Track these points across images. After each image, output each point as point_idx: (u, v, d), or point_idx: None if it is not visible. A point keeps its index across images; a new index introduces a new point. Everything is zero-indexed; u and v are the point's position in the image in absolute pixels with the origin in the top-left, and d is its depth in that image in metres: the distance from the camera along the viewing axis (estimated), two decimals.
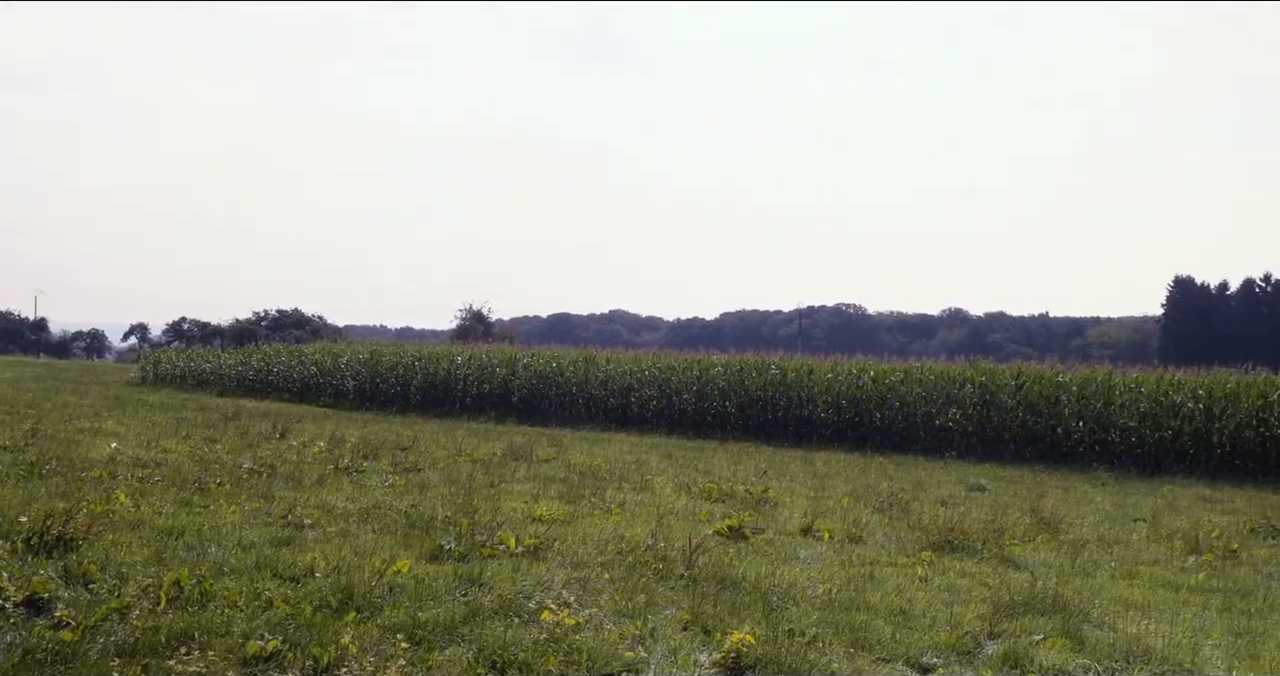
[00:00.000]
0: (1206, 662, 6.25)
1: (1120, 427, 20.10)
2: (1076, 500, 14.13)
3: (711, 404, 25.05)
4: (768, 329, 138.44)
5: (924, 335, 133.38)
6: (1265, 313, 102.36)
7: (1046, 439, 20.69)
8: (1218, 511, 13.45)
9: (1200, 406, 19.57)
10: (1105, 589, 8.22)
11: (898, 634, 6.52)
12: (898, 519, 11.18)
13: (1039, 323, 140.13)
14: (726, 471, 15.22)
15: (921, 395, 22.36)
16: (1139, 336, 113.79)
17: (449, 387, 29.46)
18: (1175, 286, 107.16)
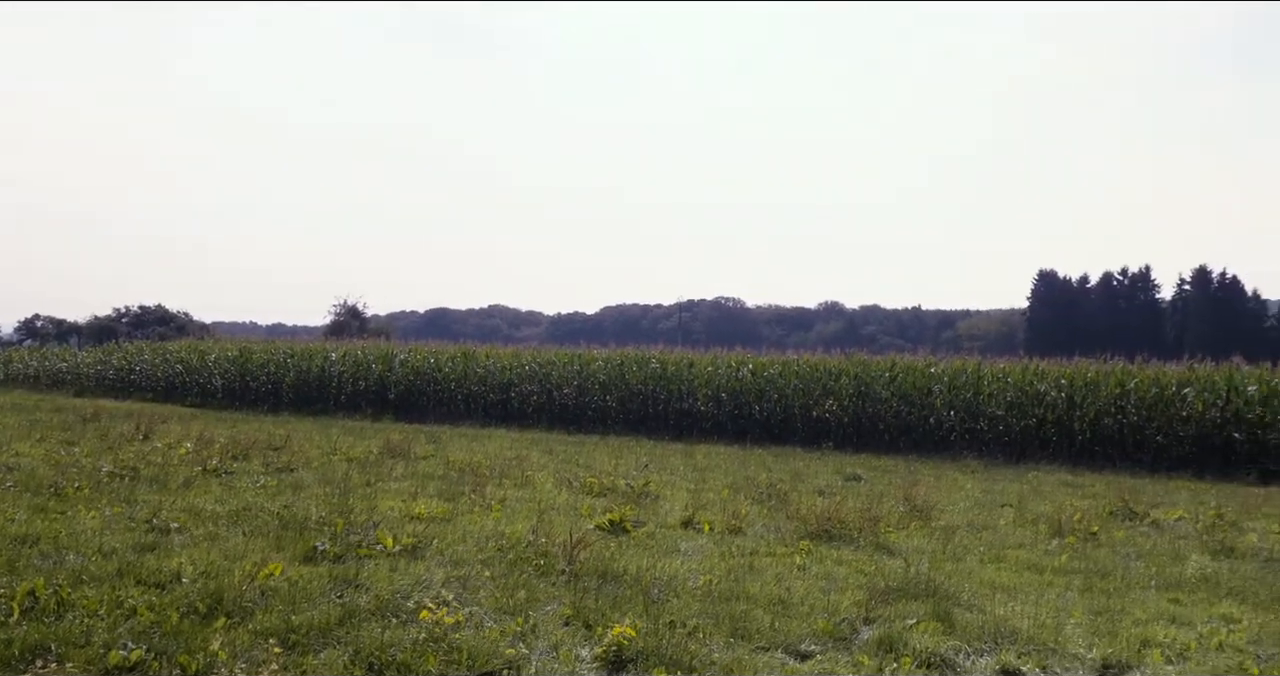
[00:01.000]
0: (1069, 640, 6.47)
1: (989, 416, 20.72)
2: (948, 487, 14.52)
3: (592, 398, 25.05)
4: (648, 323, 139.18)
5: (802, 328, 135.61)
6: (1123, 305, 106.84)
7: (919, 428, 21.22)
8: (1079, 496, 13.96)
9: (1063, 395, 20.30)
10: (975, 572, 8.46)
11: (777, 622, 6.60)
12: (777, 509, 11.32)
13: (912, 315, 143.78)
14: (608, 466, 15.23)
15: (799, 387, 22.72)
16: (1006, 328, 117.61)
17: (323, 385, 28.86)
18: (1039, 280, 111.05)
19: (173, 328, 65.00)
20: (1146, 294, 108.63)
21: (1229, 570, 8.96)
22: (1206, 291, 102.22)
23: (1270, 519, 11.88)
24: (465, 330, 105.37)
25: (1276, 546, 10.11)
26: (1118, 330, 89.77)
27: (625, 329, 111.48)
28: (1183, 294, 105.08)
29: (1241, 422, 18.64)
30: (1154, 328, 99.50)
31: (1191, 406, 19.09)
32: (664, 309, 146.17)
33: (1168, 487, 15.79)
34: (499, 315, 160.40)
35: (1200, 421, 18.94)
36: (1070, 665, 6.08)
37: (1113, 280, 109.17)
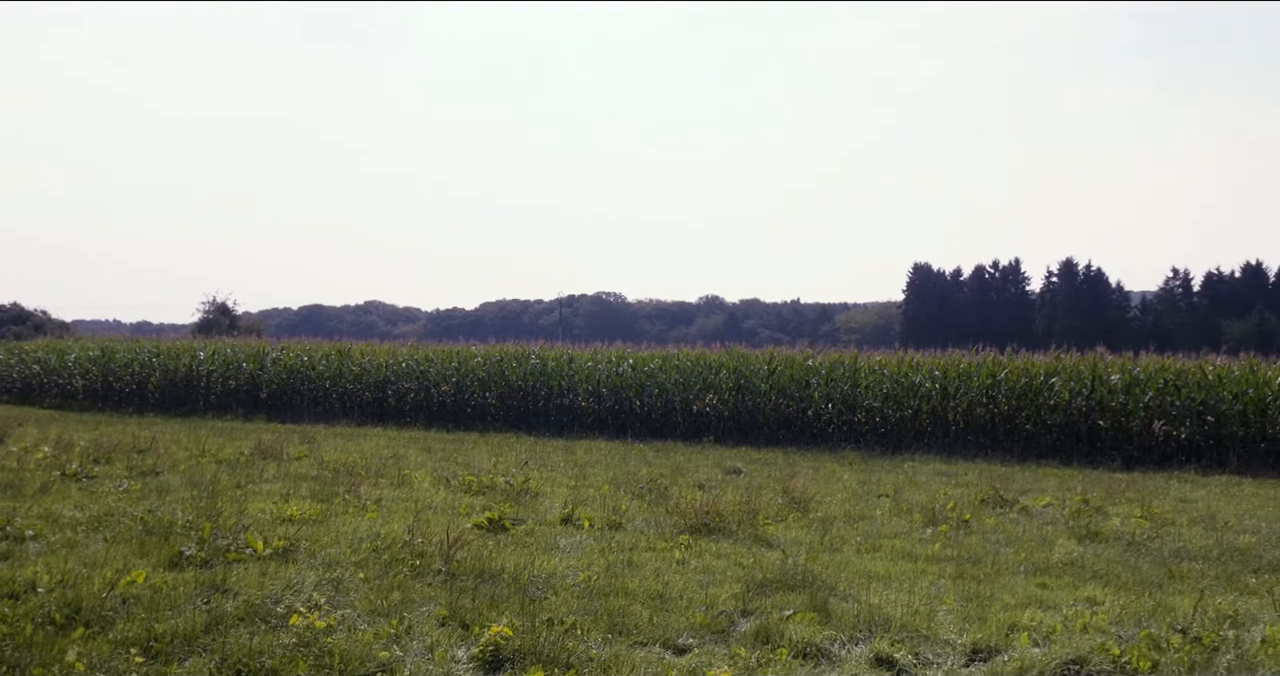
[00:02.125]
0: (940, 627, 6.59)
1: (866, 408, 21.08)
2: (826, 479, 14.73)
3: (471, 395, 24.78)
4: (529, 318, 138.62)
5: (683, 322, 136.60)
6: (994, 297, 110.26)
7: (798, 421, 21.49)
8: (953, 484, 14.30)
9: (937, 386, 20.77)
10: (851, 563, 8.57)
11: (655, 617, 6.58)
12: (657, 504, 11.32)
13: (791, 309, 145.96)
14: (487, 463, 15.07)
15: (679, 382, 22.80)
16: (883, 321, 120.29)
17: (191, 385, 27.96)
18: (915, 273, 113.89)
19: (29, 326, 62.19)
20: (1017, 286, 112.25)
21: (1093, 554, 9.25)
22: (1073, 284, 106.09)
23: (1133, 503, 12.32)
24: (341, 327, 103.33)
25: (1138, 530, 10.47)
26: (990, 321, 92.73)
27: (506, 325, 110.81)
28: (1051, 286, 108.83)
29: (1105, 411, 19.32)
30: (1024, 319, 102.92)
31: (1059, 395, 19.72)
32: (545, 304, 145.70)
33: (1037, 475, 16.28)
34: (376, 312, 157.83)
35: (1067, 410, 19.57)
36: (941, 650, 6.19)
37: (985, 273, 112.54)
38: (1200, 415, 18.63)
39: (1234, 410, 18.43)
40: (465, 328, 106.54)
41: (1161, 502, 12.55)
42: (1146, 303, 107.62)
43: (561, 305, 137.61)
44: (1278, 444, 17.93)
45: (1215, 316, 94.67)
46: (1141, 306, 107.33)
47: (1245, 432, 18.19)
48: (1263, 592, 7.64)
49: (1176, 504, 12.74)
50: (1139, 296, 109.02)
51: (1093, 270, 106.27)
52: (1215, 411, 18.55)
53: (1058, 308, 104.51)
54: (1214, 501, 13.09)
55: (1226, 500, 13.48)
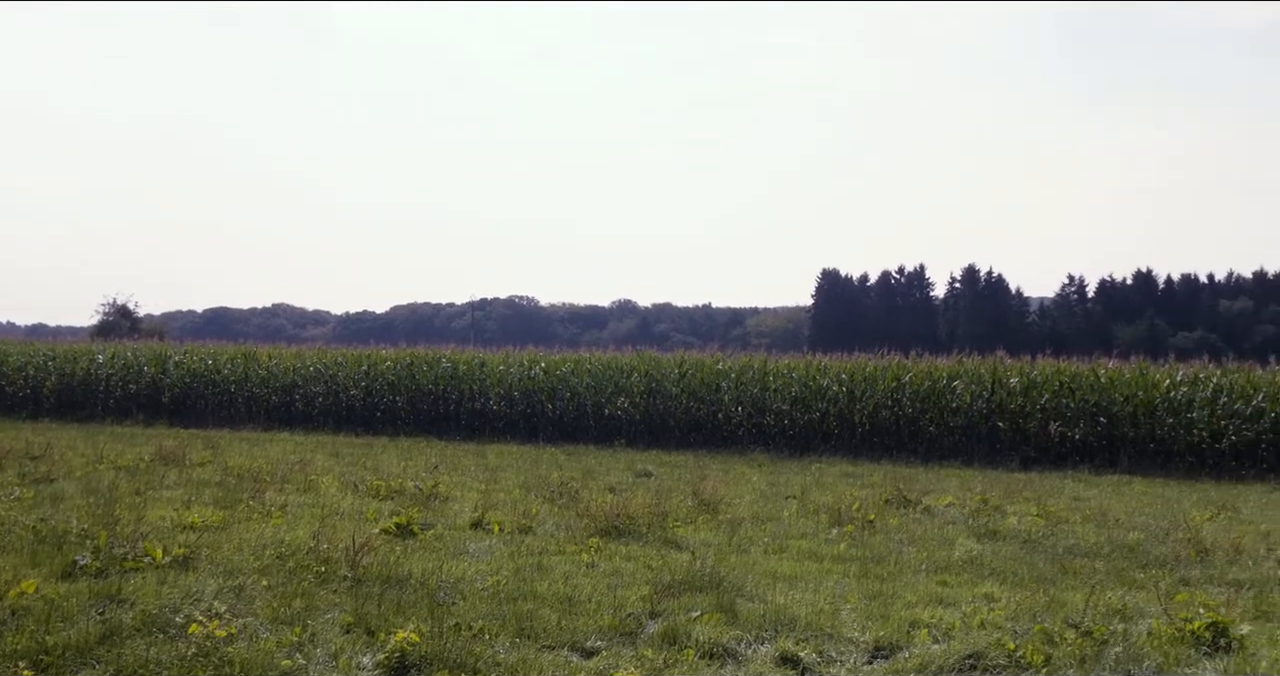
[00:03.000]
0: (844, 625, 6.72)
1: (775, 411, 21.34)
2: (735, 481, 14.87)
3: (381, 399, 24.52)
4: (440, 322, 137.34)
5: (595, 326, 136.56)
6: (899, 302, 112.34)
7: (708, 424, 21.66)
8: (858, 485, 14.55)
9: (844, 389, 21.11)
10: (758, 563, 8.68)
11: (564, 620, 6.60)
12: (568, 507, 11.33)
13: (703, 313, 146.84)
14: (396, 468, 14.92)
15: (591, 385, 22.84)
16: (793, 325, 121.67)
17: (89, 389, 27.17)
18: (823, 278, 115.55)
19: None
20: (922, 292, 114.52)
21: (992, 552, 9.50)
22: (975, 290, 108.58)
23: (1030, 502, 12.66)
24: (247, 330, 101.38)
25: (1034, 528, 10.78)
26: (896, 326, 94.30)
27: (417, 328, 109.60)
28: (954, 292, 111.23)
29: (1005, 413, 19.83)
30: (929, 324, 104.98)
31: (960, 398, 20.19)
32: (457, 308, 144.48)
33: (939, 475, 16.65)
34: (283, 314, 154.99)
35: (968, 412, 20.04)
36: (845, 648, 6.32)
37: (891, 279, 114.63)
38: (1093, 417, 19.21)
39: (1125, 412, 19.05)
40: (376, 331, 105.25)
41: (1057, 501, 12.93)
42: (1044, 308, 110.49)
43: (473, 308, 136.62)
44: (1166, 444, 18.57)
45: (1108, 321, 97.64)
46: (1040, 312, 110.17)
47: (1135, 433, 18.81)
48: (1150, 587, 7.92)
49: (1071, 502, 13.13)
50: (1037, 302, 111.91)
51: (994, 277, 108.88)
52: (1107, 413, 19.15)
53: (960, 313, 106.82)
54: (1106, 500, 13.52)
55: (1117, 498, 13.93)
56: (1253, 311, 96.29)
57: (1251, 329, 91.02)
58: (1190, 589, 7.95)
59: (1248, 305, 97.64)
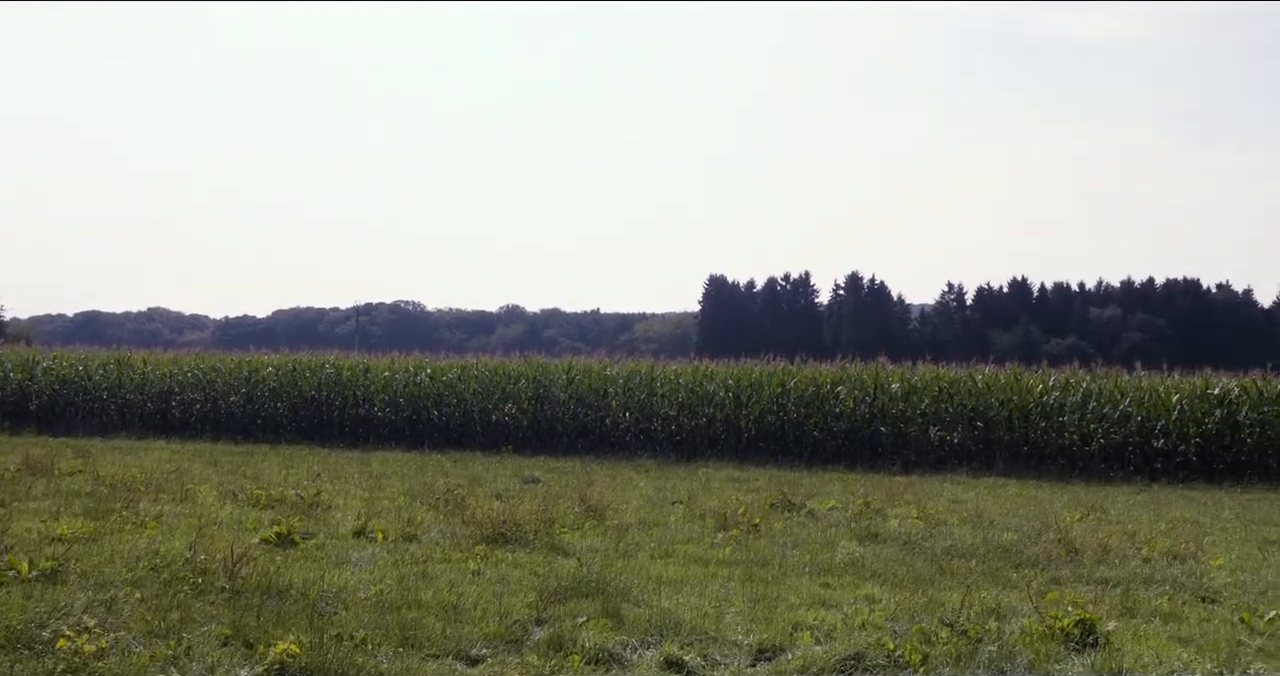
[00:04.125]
0: (728, 628, 6.79)
1: (662, 416, 21.47)
2: (622, 486, 14.91)
3: (262, 406, 23.98)
4: (324, 327, 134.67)
5: (483, 332, 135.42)
6: (785, 308, 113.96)
7: (596, 429, 21.69)
8: (744, 490, 14.70)
9: (730, 395, 21.35)
10: (645, 568, 8.71)
11: (448, 629, 6.53)
12: (453, 514, 11.22)
13: (591, 319, 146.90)
14: (277, 476, 14.59)
15: (478, 391, 22.70)
16: (680, 330, 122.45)
17: None
18: (710, 284, 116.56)
19: None
20: (807, 298, 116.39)
21: (873, 554, 9.69)
22: (858, 296, 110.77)
23: (910, 505, 12.96)
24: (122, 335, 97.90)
25: (914, 530, 11.04)
26: (782, 332, 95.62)
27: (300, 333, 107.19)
28: (838, 299, 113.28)
29: (886, 417, 20.29)
30: (814, 330, 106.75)
31: (844, 403, 20.58)
32: (341, 312, 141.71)
33: (823, 479, 16.94)
34: (160, 319, 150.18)
35: (851, 417, 20.44)
36: (729, 651, 6.39)
37: (777, 285, 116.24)
38: (971, 421, 19.78)
39: (1000, 416, 19.66)
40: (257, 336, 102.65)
41: (936, 503, 13.26)
42: (925, 315, 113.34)
43: (358, 313, 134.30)
44: (1039, 447, 19.21)
45: (986, 328, 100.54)
46: (921, 318, 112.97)
47: (1010, 437, 19.42)
48: (1023, 586, 8.17)
49: (949, 504, 13.48)
50: (919, 309, 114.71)
51: (876, 284, 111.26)
52: (984, 417, 19.73)
53: (844, 319, 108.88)
54: (982, 501, 13.91)
55: (993, 500, 14.36)
56: (1121, 319, 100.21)
57: (1119, 336, 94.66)
58: (1061, 587, 8.23)
59: (1116, 313, 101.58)
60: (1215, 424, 18.51)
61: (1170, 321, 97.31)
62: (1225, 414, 18.58)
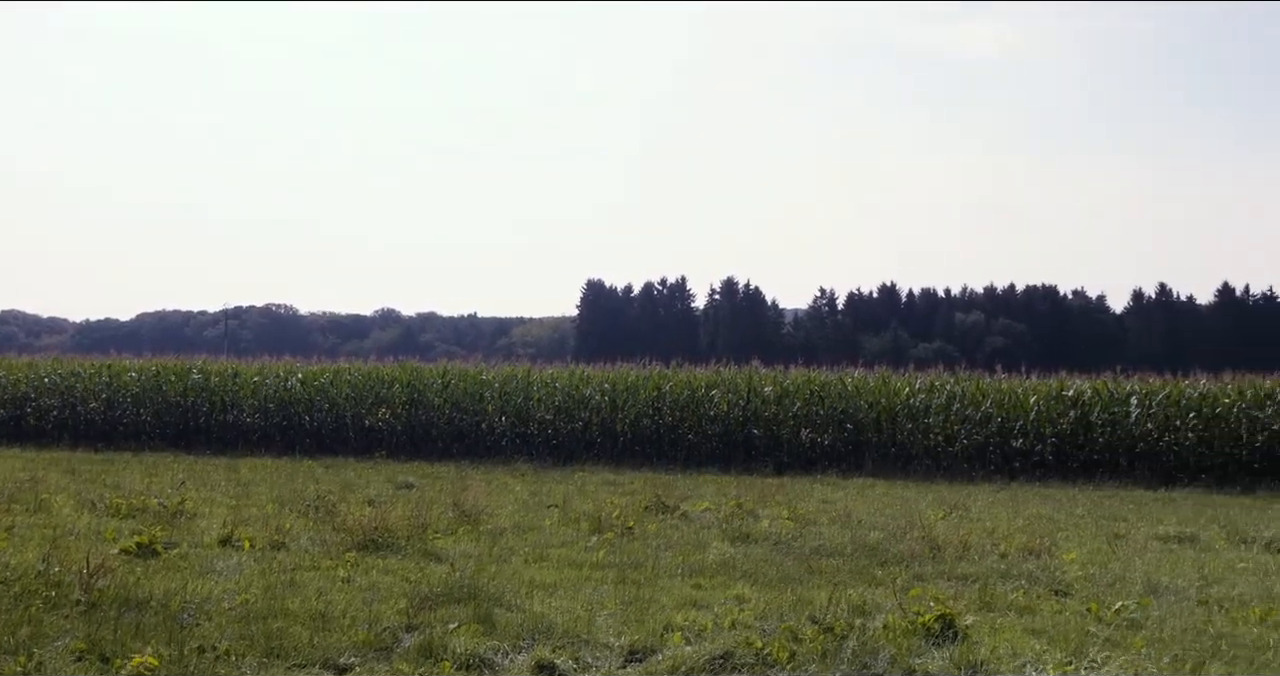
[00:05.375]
0: (600, 631, 6.84)
1: (539, 421, 21.44)
2: (498, 491, 14.85)
3: (124, 412, 23.17)
4: (192, 330, 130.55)
5: (357, 336, 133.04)
6: (662, 312, 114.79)
7: (472, 434, 21.54)
8: (619, 493, 14.77)
9: (606, 398, 21.43)
10: (518, 573, 8.71)
11: (316, 637, 6.44)
12: (324, 521, 11.02)
13: (468, 323, 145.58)
14: (139, 485, 14.11)
15: (351, 396, 22.35)
16: (558, 335, 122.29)
17: None
18: (588, 288, 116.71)
19: None
20: (683, 303, 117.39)
21: (744, 555, 9.85)
22: (734, 301, 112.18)
23: (781, 506, 13.19)
24: None
25: (784, 531, 11.25)
26: (659, 336, 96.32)
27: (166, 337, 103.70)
28: (714, 303, 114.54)
29: (759, 420, 20.61)
30: (690, 334, 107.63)
31: (718, 406, 20.85)
32: (210, 316, 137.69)
33: (697, 482, 17.12)
34: (14, 322, 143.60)
35: (725, 420, 20.72)
36: (600, 654, 6.43)
37: (654, 290, 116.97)
38: (841, 423, 20.24)
39: (869, 418, 20.16)
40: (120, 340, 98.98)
41: (806, 504, 13.54)
42: (798, 319, 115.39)
43: (227, 317, 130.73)
44: (905, 448, 19.76)
45: (856, 332, 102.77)
46: (794, 323, 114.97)
47: (878, 438, 19.93)
48: (888, 583, 8.41)
49: (819, 505, 13.78)
50: (792, 314, 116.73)
51: (751, 289, 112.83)
52: (854, 419, 20.21)
53: (720, 323, 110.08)
54: (851, 501, 14.26)
55: (861, 500, 14.72)
56: (984, 324, 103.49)
57: (983, 340, 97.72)
58: (923, 584, 8.49)
59: (980, 318, 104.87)
60: (1069, 424, 19.30)
61: (1030, 326, 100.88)
62: (1079, 414, 19.38)
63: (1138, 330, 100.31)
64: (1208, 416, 18.77)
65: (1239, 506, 14.93)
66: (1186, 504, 15.35)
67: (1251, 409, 18.67)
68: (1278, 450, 18.22)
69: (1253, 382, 19.53)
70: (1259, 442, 18.36)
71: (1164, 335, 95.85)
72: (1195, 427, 18.71)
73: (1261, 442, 18.34)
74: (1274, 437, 18.30)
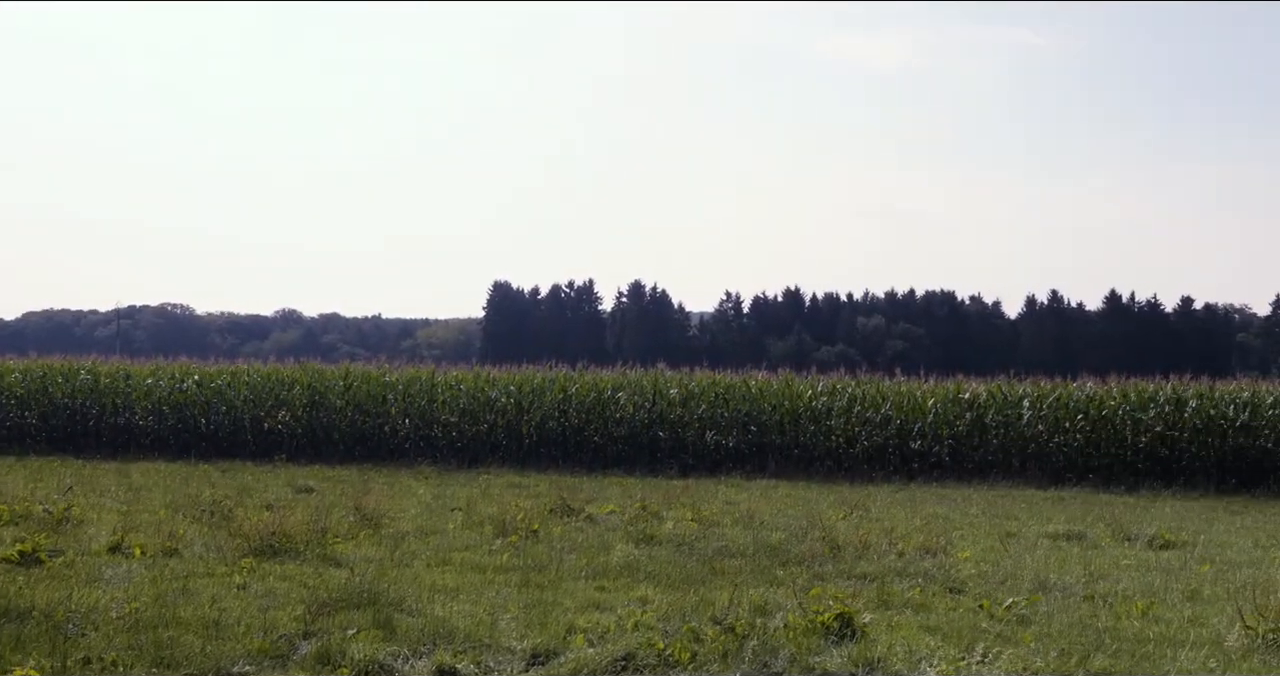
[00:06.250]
0: (503, 634, 6.80)
1: (443, 423, 21.24)
2: (400, 494, 14.68)
3: (8, 415, 22.36)
4: (82, 330, 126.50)
5: (257, 336, 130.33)
6: (568, 314, 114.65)
7: (374, 437, 21.26)
8: (525, 496, 14.71)
9: (512, 401, 21.33)
10: (421, 577, 8.62)
11: (208, 646, 6.29)
12: (219, 527, 10.78)
13: (372, 324, 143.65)
14: (23, 490, 13.63)
15: (249, 398, 21.88)
16: (464, 337, 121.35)
17: None
18: (495, 290, 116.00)
19: None
20: (590, 305, 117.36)
21: (648, 556, 9.88)
22: (641, 304, 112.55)
23: (686, 508, 13.25)
24: None
25: (688, 532, 11.32)
26: (566, 338, 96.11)
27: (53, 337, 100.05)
28: (621, 306, 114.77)
29: (665, 422, 20.70)
30: (597, 337, 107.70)
31: (624, 409, 20.89)
32: (101, 315, 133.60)
33: (603, 484, 17.14)
34: None
35: (631, 422, 20.77)
36: (502, 657, 6.39)
37: (561, 292, 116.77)
38: (745, 425, 20.43)
39: (772, 421, 20.38)
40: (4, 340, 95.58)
41: (710, 506, 13.64)
42: (704, 322, 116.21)
43: (120, 316, 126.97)
44: (808, 450, 20.02)
45: (761, 336, 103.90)
46: (700, 326, 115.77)
47: (782, 440, 20.16)
48: (789, 583, 8.51)
49: (723, 506, 13.89)
50: (698, 317, 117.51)
51: (658, 292, 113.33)
52: (757, 422, 20.41)
53: (627, 326, 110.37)
54: (754, 503, 14.39)
55: (765, 501, 14.87)
56: (885, 328, 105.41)
57: (884, 343, 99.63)
58: (823, 583, 8.61)
59: (880, 322, 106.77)
60: (966, 426, 19.76)
61: (929, 330, 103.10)
62: (974, 417, 19.85)
63: (1031, 335, 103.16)
64: (1095, 418, 19.37)
65: (1123, 505, 15.43)
66: (1075, 503, 15.83)
67: (1135, 411, 19.32)
68: (1160, 450, 18.87)
69: (1137, 386, 20.21)
70: (1142, 443, 19.00)
71: (1055, 340, 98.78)
72: (1083, 429, 19.29)
73: (1145, 443, 18.98)
74: (1157, 438, 18.95)
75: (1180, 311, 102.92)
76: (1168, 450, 18.85)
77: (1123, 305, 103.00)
